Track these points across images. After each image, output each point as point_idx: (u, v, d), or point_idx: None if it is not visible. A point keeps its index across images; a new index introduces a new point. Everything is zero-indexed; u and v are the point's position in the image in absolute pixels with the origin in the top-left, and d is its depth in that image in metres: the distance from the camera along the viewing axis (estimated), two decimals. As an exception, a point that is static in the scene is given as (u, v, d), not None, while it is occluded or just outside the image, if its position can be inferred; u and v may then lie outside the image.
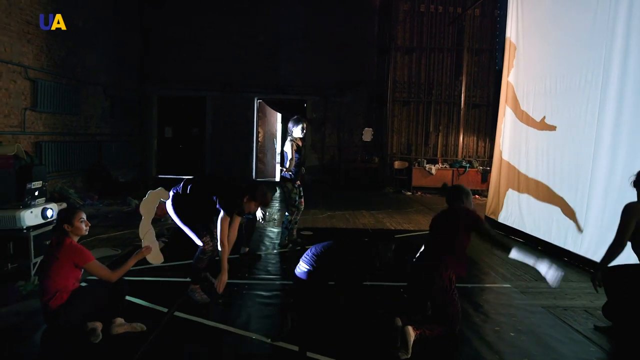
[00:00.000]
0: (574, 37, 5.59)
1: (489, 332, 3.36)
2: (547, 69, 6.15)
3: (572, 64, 5.58)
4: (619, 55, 4.74)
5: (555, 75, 5.91)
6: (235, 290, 4.06)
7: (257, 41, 12.60)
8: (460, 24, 12.51)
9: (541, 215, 6.03)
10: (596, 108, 5.01)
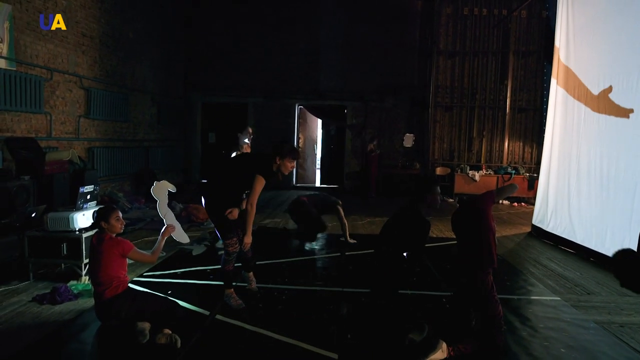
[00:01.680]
0: (628, 37, 5.30)
1: (537, 347, 3.20)
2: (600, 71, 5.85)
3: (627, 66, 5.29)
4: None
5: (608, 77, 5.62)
6: (275, 295, 4.08)
7: (298, 48, 12.72)
8: (505, 26, 12.14)
9: (593, 223, 5.72)
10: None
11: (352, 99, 12.80)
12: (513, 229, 7.83)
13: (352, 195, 11.92)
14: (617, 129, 5.41)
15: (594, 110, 5.97)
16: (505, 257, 5.69)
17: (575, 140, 6.37)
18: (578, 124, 6.32)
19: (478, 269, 3.10)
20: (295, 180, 13.25)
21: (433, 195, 3.66)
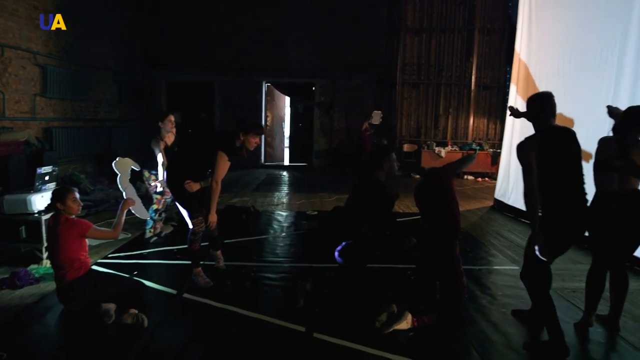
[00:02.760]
0: (589, 14, 5.45)
1: (495, 314, 3.36)
2: (562, 47, 6.01)
3: (587, 42, 5.45)
4: (636, 29, 4.61)
5: (570, 54, 5.78)
6: (243, 273, 4.10)
7: (265, 24, 12.48)
8: (471, 4, 12.24)
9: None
10: (611, 86, 4.90)
11: (320, 77, 12.72)
12: (477, 203, 8.08)
13: (321, 173, 11.97)
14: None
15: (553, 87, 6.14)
16: (469, 230, 5.88)
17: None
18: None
19: (444, 240, 3.19)
20: (263, 159, 13.18)
21: (390, 163, 3.74)
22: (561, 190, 2.73)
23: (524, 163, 2.76)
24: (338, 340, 2.89)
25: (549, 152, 2.71)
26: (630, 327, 3.19)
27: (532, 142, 2.76)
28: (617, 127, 3.04)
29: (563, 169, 2.75)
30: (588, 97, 5.27)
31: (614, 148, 2.97)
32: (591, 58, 5.34)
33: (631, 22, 4.68)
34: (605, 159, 2.98)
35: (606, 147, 3.03)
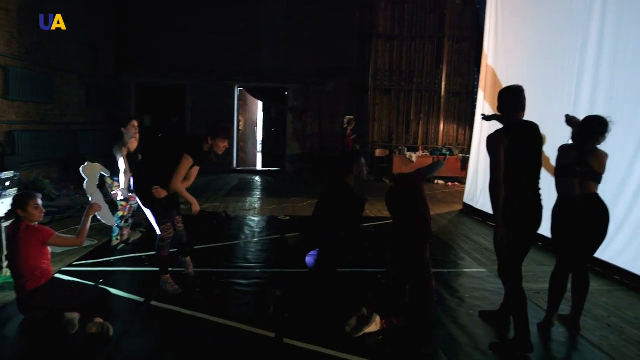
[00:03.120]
0: (552, 24, 5.65)
1: (463, 316, 3.43)
2: (526, 56, 6.21)
3: (549, 52, 5.65)
4: (594, 41, 4.81)
5: (534, 61, 5.97)
6: (213, 279, 4.05)
7: (238, 28, 12.41)
8: (441, 12, 12.51)
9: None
10: (572, 95, 5.09)
11: (293, 82, 12.73)
12: (447, 207, 8.23)
13: (294, 177, 11.96)
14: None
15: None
16: (439, 234, 5.98)
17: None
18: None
19: (415, 245, 3.24)
20: (236, 164, 13.08)
21: (360, 168, 3.78)
22: (523, 188, 2.82)
23: (493, 155, 2.83)
24: (308, 346, 2.89)
25: (517, 146, 2.80)
26: (591, 326, 3.30)
27: (502, 135, 2.83)
28: (575, 136, 3.17)
29: (526, 165, 2.84)
30: (550, 105, 5.45)
31: (573, 155, 3.09)
32: (553, 67, 5.54)
33: (590, 34, 4.88)
34: (566, 166, 3.10)
35: (566, 154, 3.15)
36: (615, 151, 4.34)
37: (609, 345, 3.03)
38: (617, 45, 4.53)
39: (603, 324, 3.38)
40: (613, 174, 4.36)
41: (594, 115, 3.17)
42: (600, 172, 3.07)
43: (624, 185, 4.31)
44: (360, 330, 3.02)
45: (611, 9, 4.61)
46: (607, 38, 4.66)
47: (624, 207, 4.29)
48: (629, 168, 4.27)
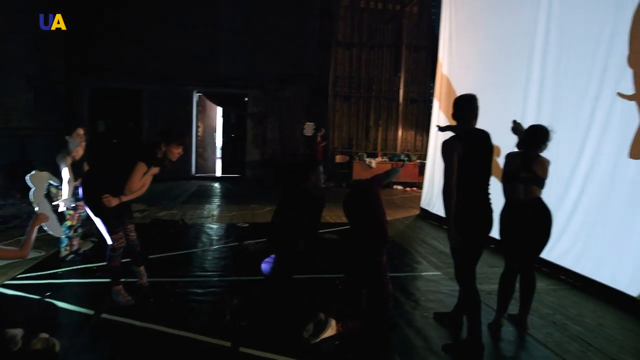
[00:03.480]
0: (501, 36, 5.90)
1: (418, 319, 3.50)
2: (477, 66, 6.45)
3: (498, 63, 5.89)
4: (539, 53, 5.06)
5: (485, 71, 6.21)
6: (168, 289, 3.95)
7: (197, 33, 12.23)
8: (398, 21, 12.82)
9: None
10: (520, 104, 5.32)
11: (253, 87, 12.67)
12: (404, 212, 8.39)
13: (254, 184, 11.87)
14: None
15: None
16: (396, 239, 6.09)
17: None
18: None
19: (372, 250, 3.28)
20: (194, 170, 12.84)
21: (316, 175, 3.82)
22: (474, 193, 2.93)
23: (446, 161, 2.92)
24: (265, 354, 2.87)
25: (469, 153, 2.90)
26: (537, 324, 3.45)
27: (456, 141, 2.93)
28: (521, 143, 3.32)
29: (478, 171, 2.95)
30: (501, 112, 5.68)
31: (518, 162, 3.24)
32: (502, 77, 5.78)
33: (535, 47, 5.13)
34: (511, 172, 3.25)
35: (512, 161, 3.30)
36: (559, 157, 4.58)
37: (554, 342, 3.18)
38: (560, 56, 4.78)
39: (549, 321, 3.53)
40: (557, 178, 4.59)
41: (537, 125, 3.34)
42: (544, 178, 3.23)
43: (567, 189, 4.54)
44: (318, 336, 3.03)
45: (555, 22, 4.87)
46: (551, 50, 4.91)
47: (567, 211, 4.52)
48: (572, 173, 4.51)
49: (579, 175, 4.44)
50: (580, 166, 4.43)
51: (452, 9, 7.39)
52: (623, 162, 3.93)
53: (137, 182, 3.45)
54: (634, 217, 3.81)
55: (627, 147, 3.90)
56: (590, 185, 4.31)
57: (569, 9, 4.68)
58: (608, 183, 4.10)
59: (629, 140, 3.88)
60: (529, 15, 5.26)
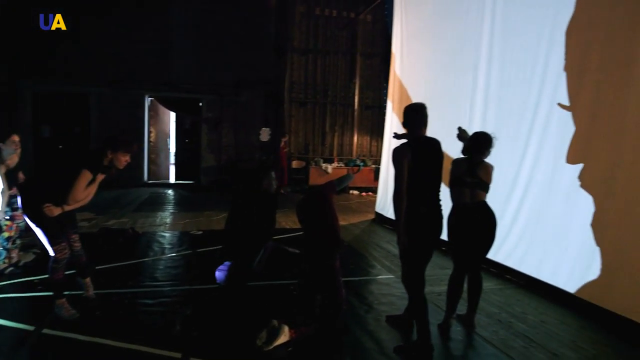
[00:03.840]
0: (449, 46, 6.13)
1: (371, 322, 3.55)
2: (427, 74, 6.66)
3: (447, 72, 6.11)
4: (484, 63, 5.30)
5: (435, 79, 6.42)
6: (115, 301, 3.81)
7: (148, 36, 11.90)
8: (353, 29, 13.03)
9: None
10: (467, 112, 5.54)
11: (208, 92, 12.47)
12: (360, 216, 8.50)
13: (210, 190, 11.68)
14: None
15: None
16: (351, 243, 6.16)
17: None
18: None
19: (325, 255, 3.30)
20: (147, 177, 12.47)
21: (269, 181, 3.82)
22: (424, 199, 3.02)
23: (397, 167, 2.99)
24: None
25: (420, 160, 2.98)
26: (484, 323, 3.59)
27: (407, 148, 3.01)
28: (466, 149, 3.46)
29: (428, 178, 3.04)
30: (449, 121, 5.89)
31: (464, 167, 3.37)
32: (450, 87, 6.00)
33: (480, 56, 5.37)
34: (457, 177, 3.37)
35: (458, 166, 3.43)
36: (503, 162, 4.80)
37: (499, 340, 3.31)
38: (503, 66, 5.02)
39: (495, 320, 3.68)
40: (502, 183, 4.80)
41: (480, 132, 3.49)
42: (488, 182, 3.38)
43: (511, 193, 4.76)
44: (271, 343, 3.02)
45: (497, 32, 5.11)
46: (495, 59, 5.15)
47: (511, 213, 4.74)
48: (515, 178, 4.73)
49: (522, 179, 4.66)
50: (522, 171, 4.65)
51: (404, 18, 7.60)
52: (560, 167, 4.17)
53: (81, 190, 3.31)
54: (571, 218, 4.04)
55: (564, 153, 4.13)
56: (532, 189, 4.54)
57: (511, 20, 4.93)
58: (547, 187, 4.33)
59: (566, 146, 4.12)
60: (475, 25, 5.49)
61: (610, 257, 3.65)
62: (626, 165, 3.55)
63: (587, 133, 3.94)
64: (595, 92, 3.86)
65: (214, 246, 5.60)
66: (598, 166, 3.82)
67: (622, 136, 3.58)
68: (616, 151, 3.64)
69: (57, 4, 11.02)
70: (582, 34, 4.00)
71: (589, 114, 3.91)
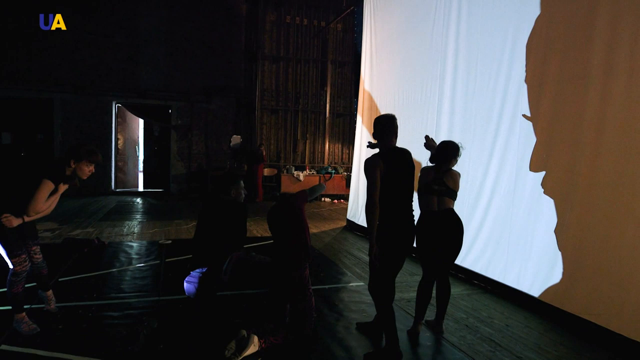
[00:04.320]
0: (416, 56, 6.26)
1: (341, 330, 3.56)
2: (395, 84, 6.78)
3: (414, 82, 6.23)
4: (450, 74, 5.43)
5: (403, 89, 6.54)
6: (79, 314, 3.69)
7: (115, 41, 11.69)
8: (324, 37, 13.15)
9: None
10: (434, 122, 5.66)
11: (177, 99, 12.32)
12: (331, 224, 8.53)
13: (180, 198, 11.50)
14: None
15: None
16: (322, 251, 6.17)
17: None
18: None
19: (294, 264, 3.29)
20: (114, 185, 12.17)
21: (237, 190, 3.81)
22: (397, 209, 3.06)
23: (369, 178, 3.02)
24: (184, 376, 2.77)
25: (391, 170, 3.02)
26: (452, 328, 3.65)
27: (378, 159, 3.05)
28: (433, 157, 3.54)
29: (399, 188, 3.09)
30: (417, 130, 6.02)
31: (432, 175, 3.45)
32: (417, 96, 6.13)
33: (446, 66, 5.50)
34: (425, 184, 3.45)
35: (426, 174, 3.50)
36: (470, 170, 4.92)
37: (466, 344, 3.38)
38: (468, 76, 5.17)
39: (462, 325, 3.75)
40: (469, 190, 4.93)
41: (447, 140, 3.57)
42: (455, 190, 3.46)
43: (477, 200, 4.89)
44: (240, 354, 2.98)
45: (463, 46, 5.26)
46: (460, 70, 5.29)
47: (478, 220, 4.86)
48: (481, 185, 4.86)
49: (487, 187, 4.79)
50: (488, 179, 4.78)
51: (373, 28, 7.72)
52: (524, 175, 4.31)
53: (42, 201, 3.19)
54: (535, 224, 4.17)
55: (527, 161, 4.27)
56: (497, 197, 4.67)
57: (475, 33, 5.08)
58: (512, 194, 4.46)
59: (529, 155, 4.26)
60: (441, 36, 5.64)
61: (571, 262, 3.79)
62: (584, 173, 3.70)
63: (547, 142, 4.09)
64: (553, 104, 4.01)
65: (183, 255, 5.51)
66: (558, 174, 3.97)
67: (580, 145, 3.73)
68: (575, 159, 3.79)
69: (25, 7, 10.72)
70: (541, 48, 4.17)
71: (549, 124, 4.06)
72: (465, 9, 5.23)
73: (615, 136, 3.46)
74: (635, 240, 3.26)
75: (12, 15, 10.88)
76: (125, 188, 12.60)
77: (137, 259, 5.52)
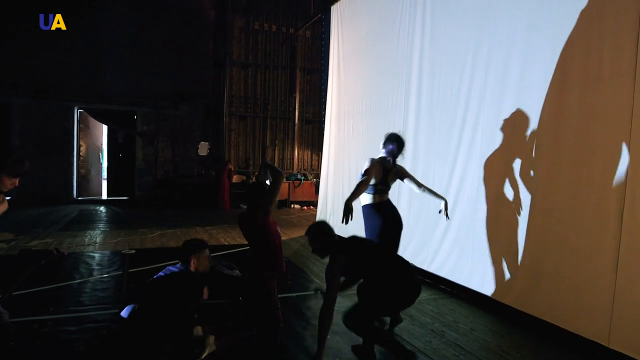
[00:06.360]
0: (382, 65, 6.34)
1: (307, 338, 3.53)
2: (362, 92, 6.84)
3: (381, 90, 6.30)
4: (415, 81, 5.52)
5: (369, 98, 6.60)
6: (34, 329, 3.53)
7: (77, 45, 11.35)
8: (292, 44, 13.16)
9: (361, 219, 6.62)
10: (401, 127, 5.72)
11: (143, 105, 12.06)
12: (301, 230, 8.48)
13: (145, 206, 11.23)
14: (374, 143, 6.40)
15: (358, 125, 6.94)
16: (291, 258, 6.13)
17: (346, 149, 7.29)
18: (349, 136, 7.26)
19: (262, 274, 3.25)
20: (76, 194, 11.76)
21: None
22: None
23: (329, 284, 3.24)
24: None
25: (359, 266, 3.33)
26: (418, 333, 3.68)
27: (340, 265, 3.28)
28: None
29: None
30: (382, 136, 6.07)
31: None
32: (384, 104, 6.20)
33: (411, 78, 5.59)
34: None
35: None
36: (435, 177, 5.00)
37: (432, 349, 3.41)
38: (432, 85, 5.26)
39: (428, 330, 3.79)
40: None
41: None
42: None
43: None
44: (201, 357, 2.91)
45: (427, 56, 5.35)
46: (424, 79, 5.38)
47: (444, 225, 4.93)
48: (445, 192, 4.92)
49: (452, 193, 4.87)
50: (452, 186, 4.87)
51: (340, 36, 7.78)
52: (486, 181, 4.40)
53: None
54: (497, 229, 4.27)
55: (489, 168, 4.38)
56: (461, 202, 4.76)
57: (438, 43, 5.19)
58: (475, 200, 4.55)
59: (491, 162, 4.36)
60: (405, 47, 5.72)
61: (531, 265, 3.89)
62: (543, 178, 3.82)
63: (508, 149, 4.20)
64: (514, 112, 4.13)
65: (147, 265, 5.36)
66: (518, 180, 4.08)
67: (539, 152, 3.86)
68: (534, 166, 3.91)
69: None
70: (502, 56, 4.29)
71: (510, 132, 4.18)
72: (429, 19, 5.34)
73: (570, 142, 3.58)
74: (590, 243, 3.38)
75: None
76: (88, 196, 12.21)
77: (99, 269, 5.34)
